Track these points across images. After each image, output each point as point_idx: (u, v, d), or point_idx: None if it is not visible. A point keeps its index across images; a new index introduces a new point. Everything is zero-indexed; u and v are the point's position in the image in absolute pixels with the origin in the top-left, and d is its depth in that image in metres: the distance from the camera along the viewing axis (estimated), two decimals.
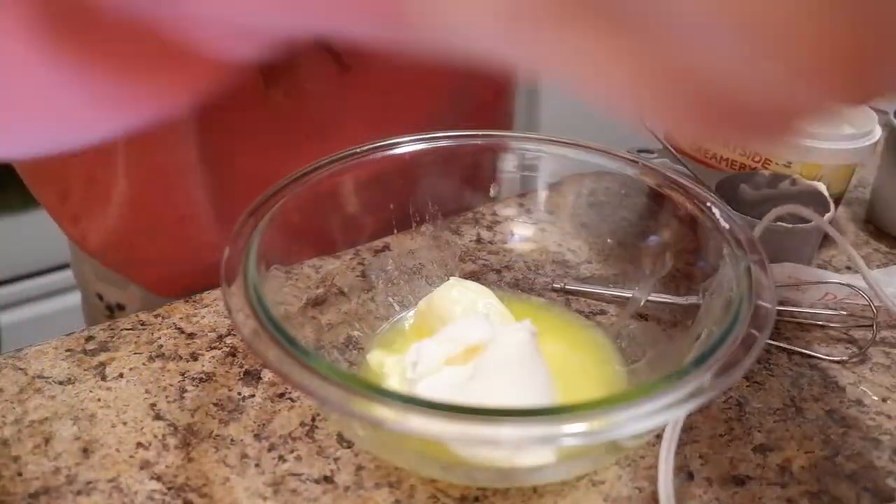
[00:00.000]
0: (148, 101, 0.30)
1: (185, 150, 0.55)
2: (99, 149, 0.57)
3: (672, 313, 0.45)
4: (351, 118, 0.59)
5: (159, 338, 0.47)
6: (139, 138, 0.53)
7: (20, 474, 0.38)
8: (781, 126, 0.21)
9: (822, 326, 0.50)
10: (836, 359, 0.47)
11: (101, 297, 0.69)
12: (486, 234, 0.56)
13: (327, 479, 0.38)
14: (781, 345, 0.48)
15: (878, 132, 0.56)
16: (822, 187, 0.54)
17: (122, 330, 0.47)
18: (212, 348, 0.46)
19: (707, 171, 0.59)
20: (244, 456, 0.39)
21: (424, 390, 0.37)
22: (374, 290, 0.48)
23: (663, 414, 0.30)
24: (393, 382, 0.40)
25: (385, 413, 0.30)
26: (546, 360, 0.39)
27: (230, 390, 0.43)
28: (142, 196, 0.57)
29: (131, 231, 0.60)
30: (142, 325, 0.48)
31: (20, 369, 0.44)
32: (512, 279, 0.52)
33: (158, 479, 0.38)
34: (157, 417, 0.41)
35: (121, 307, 0.69)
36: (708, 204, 0.43)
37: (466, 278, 0.49)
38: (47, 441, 0.40)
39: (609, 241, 0.51)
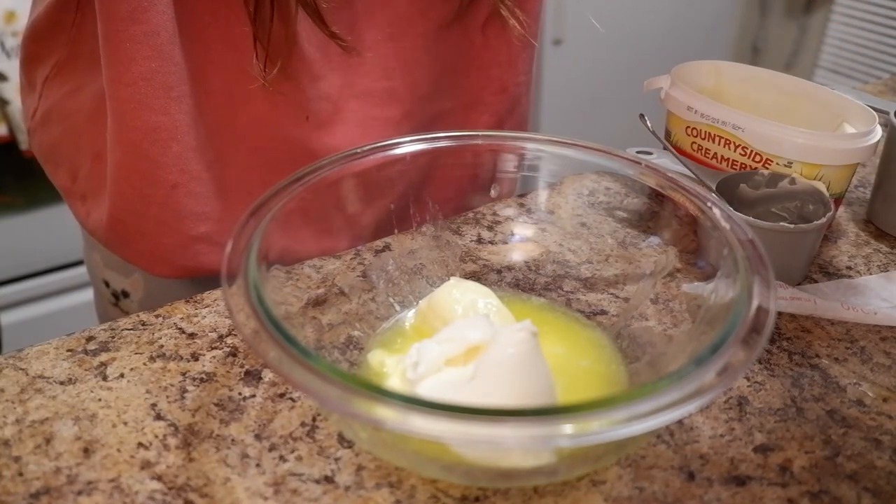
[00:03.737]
0: None
1: (180, 109, 0.55)
2: (103, 121, 0.57)
3: (672, 313, 0.45)
4: (351, 97, 0.59)
5: (160, 338, 0.47)
6: (132, 96, 0.53)
7: (21, 474, 0.38)
8: None
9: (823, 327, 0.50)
10: None
11: (107, 285, 0.70)
12: (486, 234, 0.56)
13: (328, 479, 0.38)
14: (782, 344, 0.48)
15: (878, 132, 0.56)
16: (822, 187, 0.54)
17: (122, 330, 0.48)
18: (212, 348, 0.46)
19: (707, 171, 0.59)
20: (245, 456, 0.39)
21: (425, 390, 0.37)
22: (374, 290, 0.48)
23: (663, 414, 0.30)
24: (393, 382, 0.40)
25: (385, 413, 0.30)
26: (546, 361, 0.39)
27: (231, 390, 0.43)
28: (134, 161, 0.56)
29: (125, 202, 0.59)
30: (142, 325, 0.48)
31: (21, 369, 0.44)
32: (512, 279, 0.52)
33: (159, 479, 0.38)
34: (158, 417, 0.41)
35: (126, 294, 0.69)
36: (708, 204, 0.43)
37: (467, 278, 0.49)
38: (48, 441, 0.40)
39: (609, 241, 0.51)
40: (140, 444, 0.40)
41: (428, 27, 0.60)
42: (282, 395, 0.43)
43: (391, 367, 0.42)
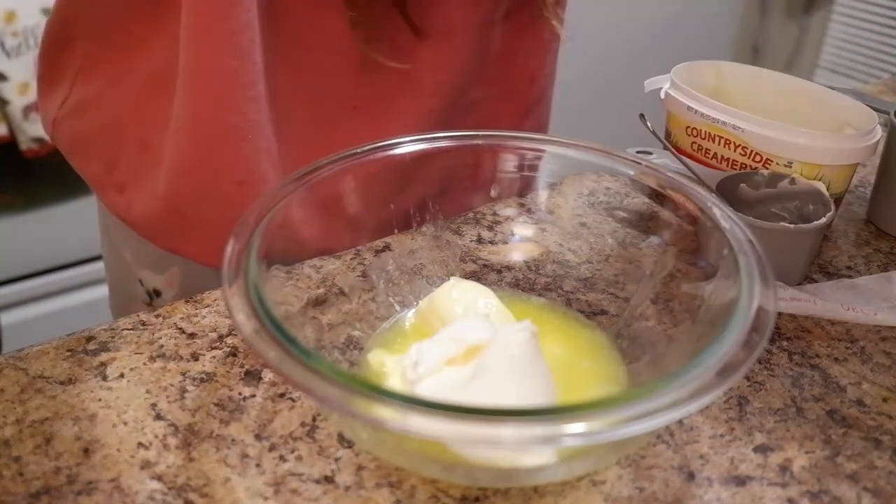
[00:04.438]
0: None
1: (254, 109, 0.55)
2: (156, 113, 0.57)
3: (672, 313, 0.45)
4: (410, 99, 0.60)
5: (160, 338, 0.47)
6: (208, 93, 0.54)
7: (21, 474, 0.38)
8: None
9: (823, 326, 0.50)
10: None
11: (142, 283, 0.69)
12: (486, 234, 0.56)
13: (328, 479, 0.38)
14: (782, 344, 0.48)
15: (878, 132, 0.56)
16: (822, 187, 0.54)
17: (122, 330, 0.48)
18: (212, 348, 0.46)
19: (707, 171, 0.59)
20: (245, 456, 0.39)
21: (425, 390, 0.37)
22: (374, 290, 0.48)
23: (663, 414, 0.30)
24: (393, 382, 0.40)
25: (385, 413, 0.30)
26: (546, 361, 0.39)
27: (231, 390, 0.43)
28: (202, 156, 0.57)
29: (184, 195, 0.59)
30: (142, 325, 0.48)
31: (21, 369, 0.44)
32: (512, 279, 0.52)
33: (159, 479, 0.38)
34: (158, 417, 0.41)
35: (157, 293, 0.68)
36: (708, 204, 0.43)
37: (467, 278, 0.49)
38: (48, 441, 0.40)
39: (609, 241, 0.51)
40: (140, 444, 0.40)
41: (482, 19, 0.61)
42: (282, 395, 0.43)
43: (391, 367, 0.42)
